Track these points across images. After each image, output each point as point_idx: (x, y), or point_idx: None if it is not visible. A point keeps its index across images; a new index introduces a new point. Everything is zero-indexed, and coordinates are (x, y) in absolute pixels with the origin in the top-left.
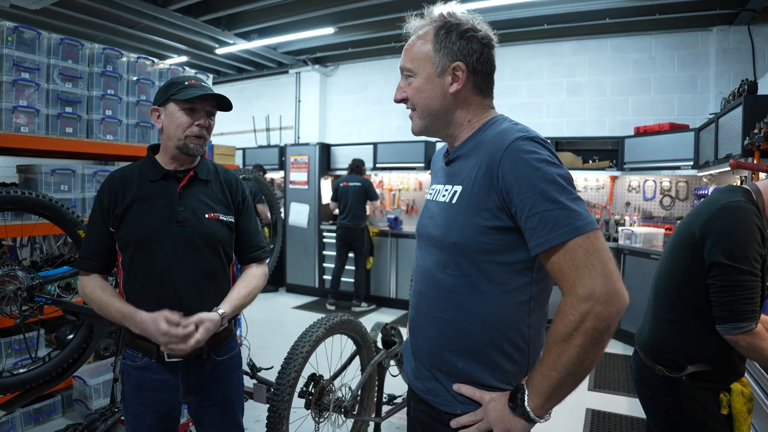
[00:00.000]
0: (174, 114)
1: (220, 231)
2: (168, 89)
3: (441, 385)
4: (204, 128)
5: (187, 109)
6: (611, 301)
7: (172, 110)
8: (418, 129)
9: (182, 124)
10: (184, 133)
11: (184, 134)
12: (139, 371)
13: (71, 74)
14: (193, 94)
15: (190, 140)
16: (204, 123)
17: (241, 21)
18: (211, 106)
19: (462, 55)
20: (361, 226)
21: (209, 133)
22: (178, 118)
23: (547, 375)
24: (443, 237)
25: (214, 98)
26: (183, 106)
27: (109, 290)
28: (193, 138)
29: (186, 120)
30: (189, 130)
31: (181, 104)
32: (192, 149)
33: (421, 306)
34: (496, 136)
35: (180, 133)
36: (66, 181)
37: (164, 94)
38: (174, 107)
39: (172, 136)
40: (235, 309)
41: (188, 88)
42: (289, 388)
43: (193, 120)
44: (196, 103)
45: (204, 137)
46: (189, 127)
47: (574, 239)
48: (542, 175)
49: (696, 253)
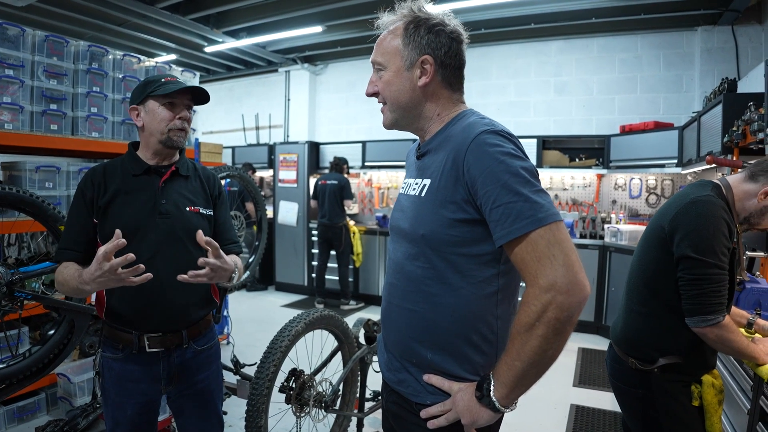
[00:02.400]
0: (155, 110)
1: (200, 223)
2: (146, 87)
3: (412, 376)
4: (185, 120)
5: (168, 104)
6: (572, 291)
7: (153, 107)
8: (389, 122)
9: (165, 118)
10: (167, 126)
11: (167, 128)
12: (119, 363)
13: (56, 71)
14: (172, 89)
15: (173, 133)
16: (185, 115)
17: (230, 19)
18: (189, 100)
19: (430, 49)
20: (339, 224)
21: (189, 125)
22: (160, 114)
23: (511, 365)
24: (412, 229)
25: (192, 91)
26: (163, 101)
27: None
28: (176, 131)
29: (168, 114)
30: (171, 124)
31: (161, 99)
32: (176, 141)
33: (391, 298)
34: (463, 130)
35: (163, 127)
36: (51, 178)
37: (142, 92)
38: (154, 104)
39: (155, 131)
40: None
41: (166, 84)
42: (267, 382)
43: (174, 114)
44: (175, 98)
45: (186, 130)
46: (171, 121)
47: (536, 230)
48: (505, 168)
49: (665, 246)
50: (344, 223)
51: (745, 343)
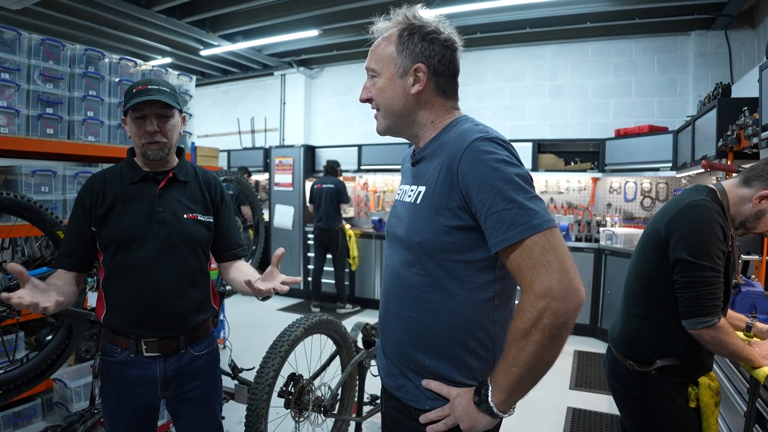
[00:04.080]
0: (130, 124)
1: (198, 231)
2: (125, 98)
3: (410, 381)
4: (154, 133)
5: (137, 118)
6: (568, 297)
7: (129, 120)
8: (382, 129)
9: (136, 133)
10: (140, 140)
11: (141, 142)
12: (117, 366)
13: (52, 75)
14: (133, 102)
15: (147, 147)
16: (151, 129)
17: (226, 23)
18: (159, 108)
19: (423, 57)
20: (336, 227)
21: (166, 135)
22: (132, 128)
23: (508, 371)
24: (408, 236)
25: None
26: (132, 115)
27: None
28: (149, 144)
29: (137, 130)
30: (143, 138)
31: (131, 114)
32: (150, 155)
33: (389, 304)
34: (457, 137)
35: (138, 141)
36: (47, 182)
37: (124, 103)
38: (129, 117)
39: (135, 144)
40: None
41: (133, 97)
42: (267, 387)
43: (143, 128)
44: (143, 110)
45: (159, 142)
46: (142, 136)
47: (530, 237)
48: (500, 175)
49: (661, 250)
50: (341, 227)
51: (740, 345)
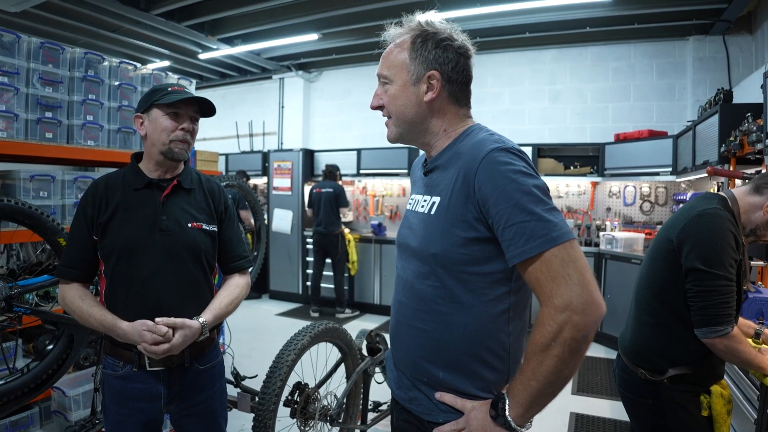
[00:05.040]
0: (158, 119)
1: (202, 240)
2: (151, 95)
3: (423, 394)
4: (188, 132)
5: (171, 113)
6: (588, 311)
7: (156, 116)
8: (394, 136)
9: (166, 128)
10: (168, 137)
11: (169, 138)
12: (120, 380)
13: (51, 78)
14: (176, 98)
15: (174, 145)
16: (188, 127)
17: (225, 26)
18: (194, 111)
19: (437, 64)
20: (335, 232)
21: (193, 138)
22: (162, 123)
23: (526, 385)
24: (422, 248)
25: (197, 103)
26: (167, 110)
27: (89, 299)
28: (177, 142)
29: (170, 124)
30: (173, 134)
31: (164, 109)
32: (176, 154)
33: (401, 316)
34: (473, 147)
35: (164, 137)
36: (45, 187)
37: (147, 100)
38: (158, 112)
39: (156, 141)
40: (216, 318)
41: (171, 93)
42: (274, 397)
43: (177, 124)
44: (179, 108)
45: (188, 142)
46: (173, 132)
47: (550, 250)
48: (518, 187)
49: (674, 259)
50: (340, 231)
51: (753, 353)
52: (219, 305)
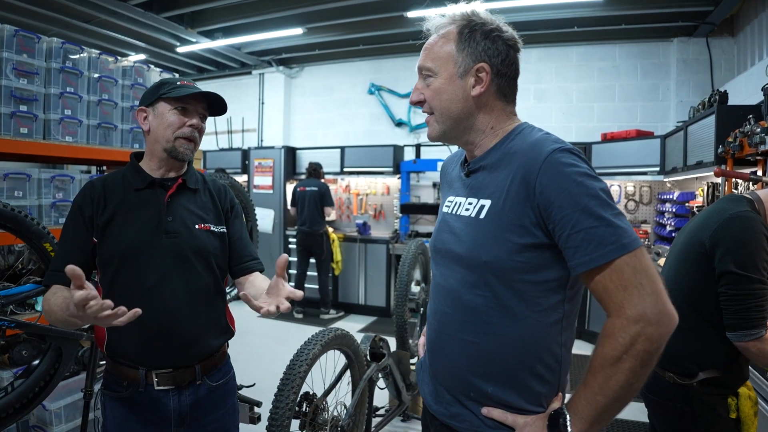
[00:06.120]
0: (164, 114)
1: (211, 243)
2: (158, 89)
3: (468, 410)
4: (196, 129)
5: (179, 108)
6: (663, 321)
7: (163, 110)
8: (436, 134)
9: (173, 123)
10: (174, 134)
11: (174, 135)
12: (123, 403)
13: (26, 69)
14: (186, 92)
15: (180, 142)
16: (196, 123)
17: (206, 19)
18: (203, 109)
19: (486, 56)
20: (320, 231)
21: (200, 137)
22: (168, 118)
23: (592, 400)
24: (471, 255)
25: (207, 99)
26: (175, 105)
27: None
28: (183, 140)
29: (177, 119)
30: (180, 131)
31: (172, 103)
32: (181, 153)
33: (443, 328)
34: (531, 147)
35: (170, 134)
36: (20, 186)
37: (154, 93)
38: (164, 106)
39: (161, 137)
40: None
41: (181, 88)
42: (288, 411)
43: (184, 120)
44: (188, 103)
45: (195, 140)
46: (180, 128)
47: (621, 257)
48: (584, 190)
49: (706, 262)
50: (324, 231)
51: None
52: None
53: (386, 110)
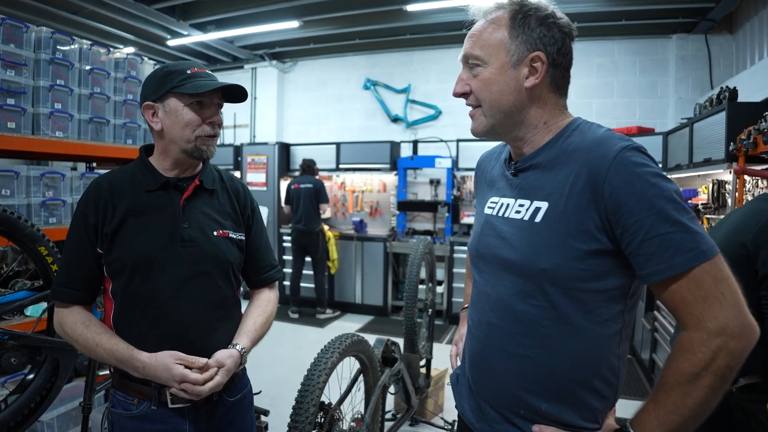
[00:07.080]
0: (178, 111)
1: (231, 252)
2: (165, 80)
3: (517, 428)
4: (217, 125)
5: (196, 103)
6: (746, 335)
7: (175, 106)
8: (483, 129)
9: (191, 122)
10: (194, 133)
11: (194, 135)
12: (135, 422)
13: (14, 60)
14: (204, 87)
15: (201, 141)
16: (217, 119)
17: (198, 11)
18: (219, 98)
19: (542, 44)
20: (316, 229)
21: (220, 128)
22: (185, 116)
23: (665, 419)
24: (526, 262)
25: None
26: (189, 100)
27: (95, 325)
28: (205, 138)
29: (195, 117)
30: (200, 130)
31: (186, 99)
32: (205, 152)
33: (491, 340)
34: (595, 144)
35: (189, 134)
36: (8, 184)
37: (161, 86)
38: (177, 103)
39: (178, 138)
40: (253, 342)
41: (193, 79)
42: (308, 425)
43: (204, 117)
44: (204, 96)
45: (218, 136)
46: (200, 126)
47: (700, 266)
48: (659, 192)
49: (747, 265)
50: (320, 229)
51: None
52: (254, 326)
53: (382, 106)
